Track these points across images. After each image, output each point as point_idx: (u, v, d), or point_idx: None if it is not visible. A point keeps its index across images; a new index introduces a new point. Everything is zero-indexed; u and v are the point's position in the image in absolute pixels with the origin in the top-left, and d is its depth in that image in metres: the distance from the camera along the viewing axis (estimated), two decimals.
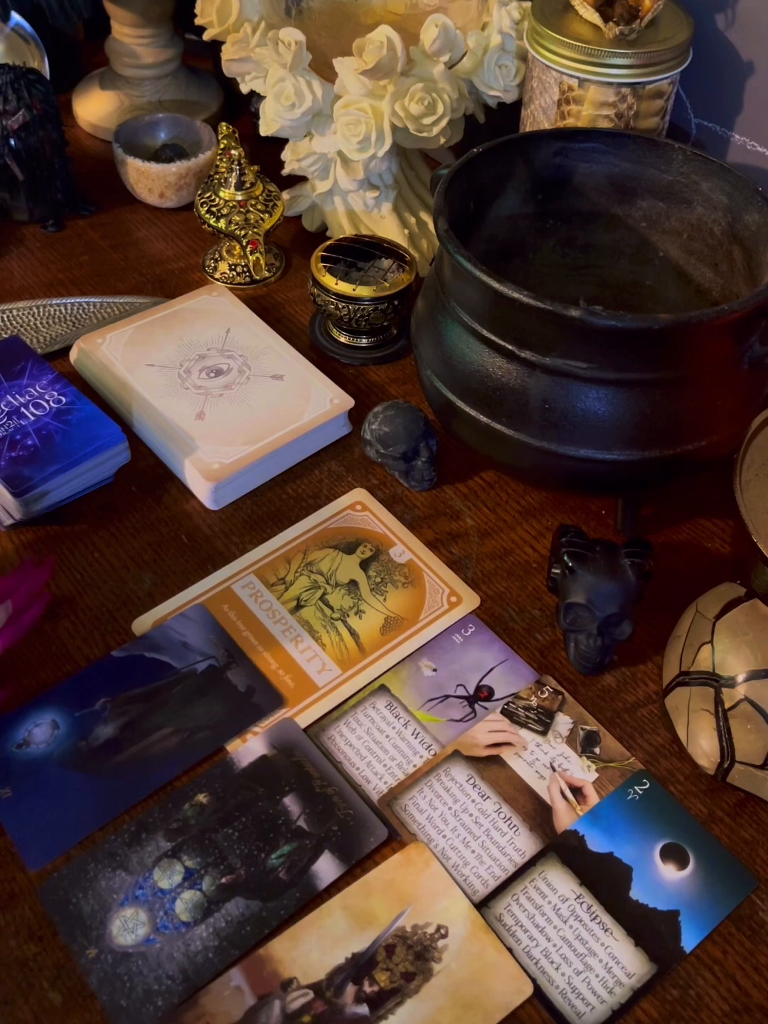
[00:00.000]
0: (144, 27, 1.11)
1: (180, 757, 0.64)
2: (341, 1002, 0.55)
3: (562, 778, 0.64)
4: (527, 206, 0.82)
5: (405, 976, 0.56)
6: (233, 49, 0.91)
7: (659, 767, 0.65)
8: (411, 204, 0.99)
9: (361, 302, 0.87)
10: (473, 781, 0.64)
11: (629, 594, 0.66)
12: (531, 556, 0.77)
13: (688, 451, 0.69)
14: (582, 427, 0.67)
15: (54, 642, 0.70)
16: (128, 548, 0.76)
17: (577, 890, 0.59)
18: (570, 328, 0.63)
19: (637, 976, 0.56)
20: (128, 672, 0.68)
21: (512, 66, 0.91)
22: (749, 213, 0.74)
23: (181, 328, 0.89)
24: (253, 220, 0.95)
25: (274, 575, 0.74)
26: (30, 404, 0.78)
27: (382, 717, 0.67)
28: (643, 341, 0.64)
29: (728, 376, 0.69)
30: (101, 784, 0.63)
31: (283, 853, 0.60)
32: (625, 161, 0.80)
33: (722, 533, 0.79)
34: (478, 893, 0.59)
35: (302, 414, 0.82)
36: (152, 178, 1.03)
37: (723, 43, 0.89)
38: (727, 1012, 0.56)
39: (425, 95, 0.86)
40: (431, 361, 0.74)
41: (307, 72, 0.88)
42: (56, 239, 1.03)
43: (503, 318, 0.66)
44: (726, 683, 0.63)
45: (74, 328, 0.91)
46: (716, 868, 0.61)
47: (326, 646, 0.70)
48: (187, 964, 0.56)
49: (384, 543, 0.77)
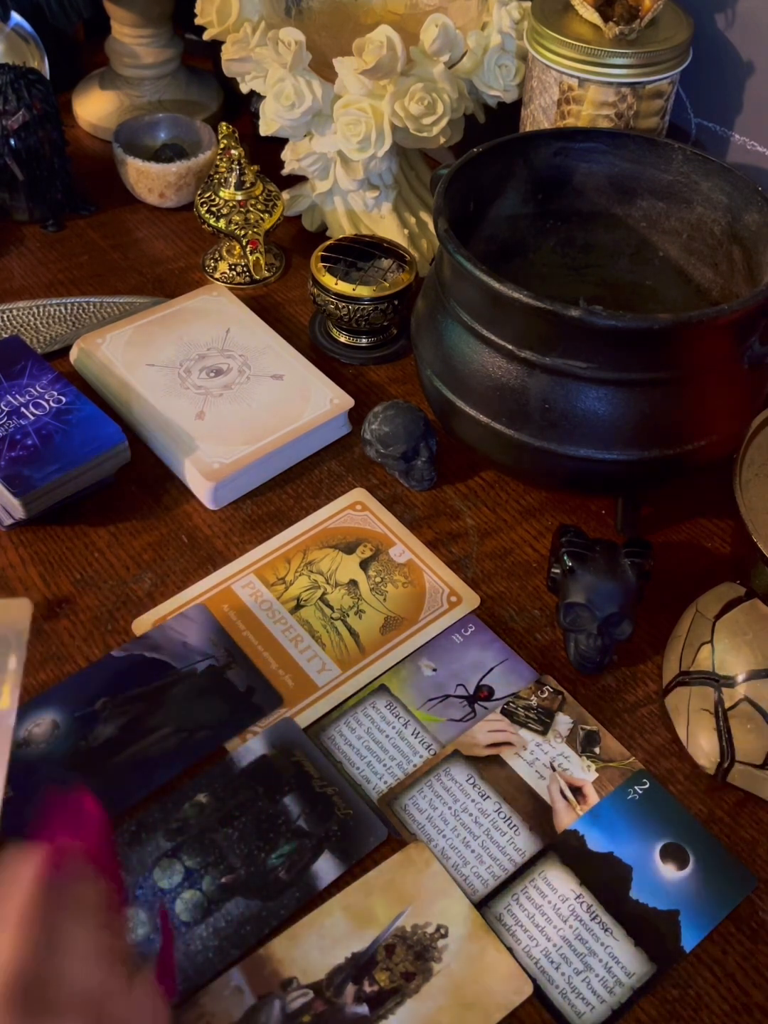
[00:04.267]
0: (144, 27, 1.11)
1: (180, 757, 0.64)
2: (341, 1002, 0.55)
3: (562, 778, 0.64)
4: (527, 206, 0.82)
5: (405, 976, 0.55)
6: (233, 49, 0.91)
7: (659, 767, 0.65)
8: (411, 204, 0.99)
9: (361, 302, 0.87)
10: (473, 781, 0.64)
11: (629, 594, 0.66)
12: (531, 556, 0.77)
13: (688, 451, 0.69)
14: (582, 427, 0.67)
15: (54, 642, 0.70)
16: (128, 548, 0.76)
17: (577, 890, 0.59)
18: (570, 328, 0.63)
19: (637, 976, 0.56)
20: (128, 672, 0.68)
21: (512, 66, 0.91)
22: (749, 213, 0.74)
23: (181, 328, 0.88)
24: (253, 220, 0.95)
25: (274, 575, 0.74)
26: (30, 404, 0.78)
27: (382, 717, 0.67)
28: (643, 341, 0.64)
29: (728, 376, 0.69)
30: (101, 784, 0.63)
31: (283, 853, 0.60)
32: (625, 161, 0.80)
33: (722, 533, 0.79)
34: (478, 893, 0.59)
35: (302, 414, 0.82)
36: (152, 178, 1.03)
37: (723, 43, 0.89)
38: (727, 1012, 0.56)
39: (425, 95, 0.86)
40: (431, 361, 0.74)
41: (307, 72, 0.88)
42: (56, 239, 1.03)
43: (503, 318, 0.66)
44: (726, 683, 0.63)
45: (74, 328, 0.91)
46: (716, 868, 0.61)
47: (326, 646, 0.70)
48: (187, 964, 0.56)
49: (384, 543, 0.77)
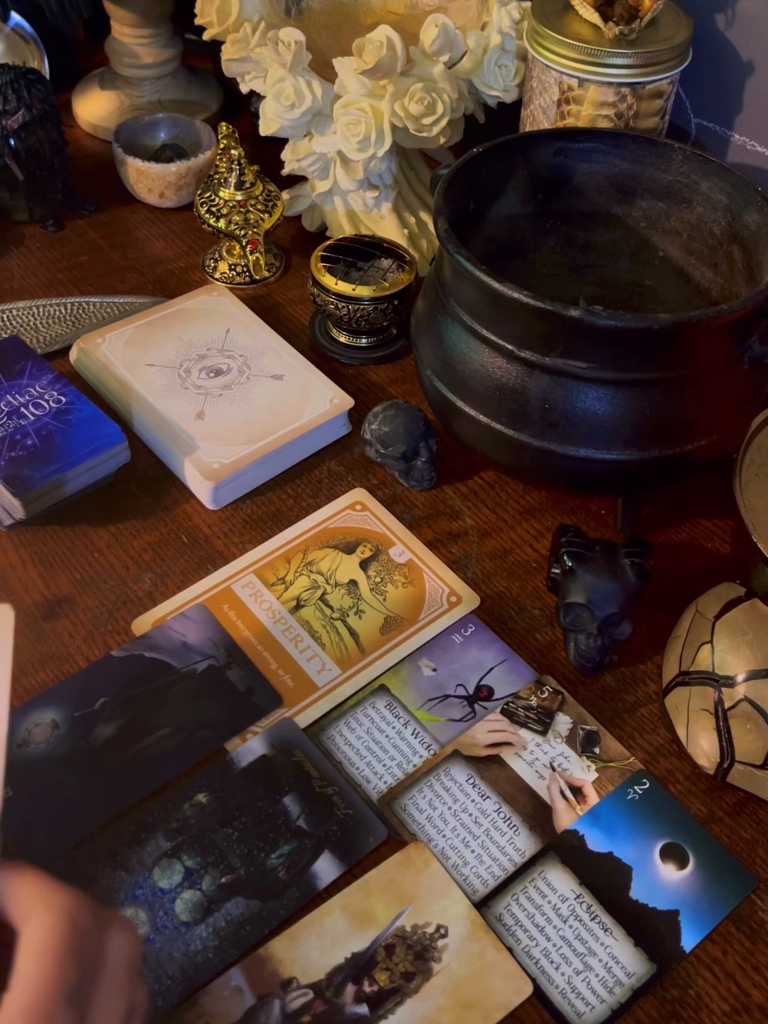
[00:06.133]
0: (144, 27, 1.11)
1: (180, 757, 0.64)
2: (341, 1002, 0.55)
3: (562, 778, 0.64)
4: (527, 206, 0.82)
5: (405, 976, 0.55)
6: (233, 49, 0.91)
7: (659, 767, 0.65)
8: (411, 204, 0.99)
9: (361, 302, 0.87)
10: (473, 781, 0.64)
11: (629, 594, 0.66)
12: (531, 556, 0.77)
13: (688, 451, 0.69)
14: (582, 427, 0.67)
15: (54, 642, 0.70)
16: (128, 548, 0.76)
17: (577, 890, 0.59)
18: (570, 328, 0.63)
19: (637, 976, 0.56)
20: (128, 672, 0.68)
21: (512, 66, 0.91)
22: (749, 213, 0.74)
23: (181, 328, 0.88)
24: (253, 220, 0.95)
25: (274, 575, 0.74)
26: (30, 404, 0.78)
27: (382, 717, 0.67)
28: (643, 341, 0.64)
29: (728, 376, 0.69)
30: (101, 784, 0.63)
31: (283, 853, 0.60)
32: (625, 161, 0.80)
33: (722, 533, 0.79)
34: (478, 893, 0.59)
35: (302, 414, 0.82)
36: (152, 178, 1.03)
37: (723, 43, 0.89)
38: (727, 1012, 0.56)
39: (425, 95, 0.86)
40: (431, 361, 0.74)
41: (307, 72, 0.88)
42: (56, 239, 1.03)
43: (503, 318, 0.66)
44: (726, 683, 0.63)
45: (74, 328, 0.91)
46: (716, 868, 0.61)
47: (326, 646, 0.70)
48: (187, 964, 0.56)
49: (384, 543, 0.77)
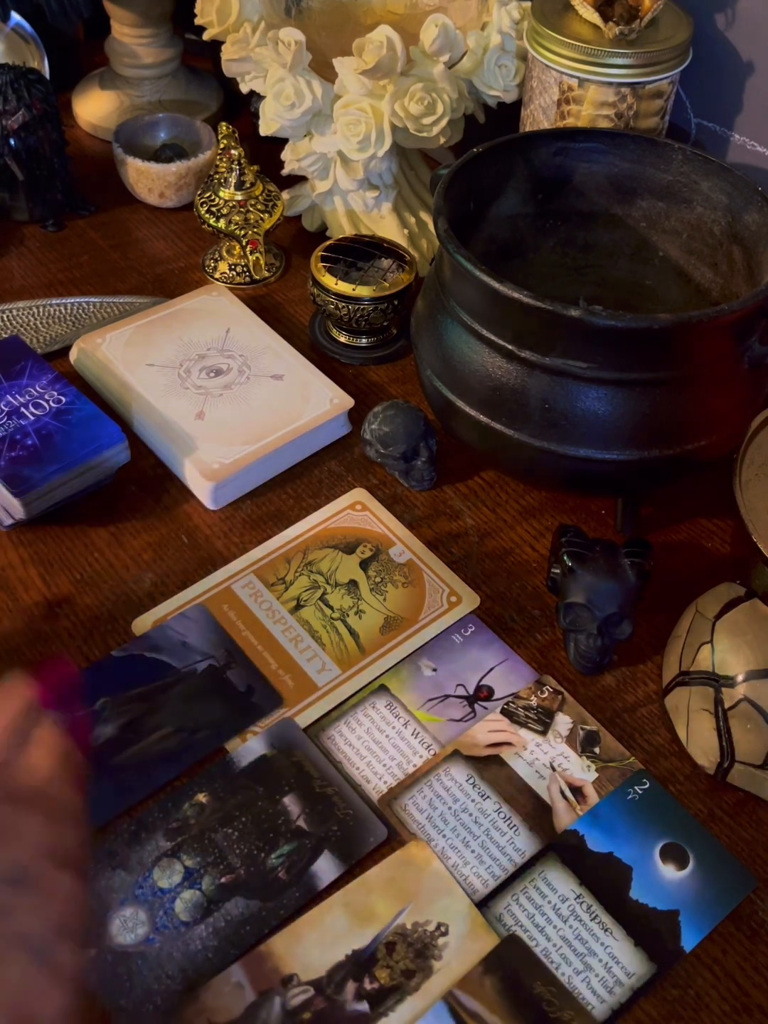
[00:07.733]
0: (144, 27, 1.11)
1: (180, 757, 0.64)
2: (341, 999, 0.55)
3: (562, 778, 0.64)
4: (527, 206, 0.82)
5: (405, 973, 0.55)
6: (233, 49, 0.91)
7: (659, 767, 0.65)
8: (411, 204, 0.99)
9: (361, 302, 0.87)
10: (473, 781, 0.64)
11: (629, 594, 0.66)
12: (531, 556, 0.77)
13: (688, 451, 0.69)
14: (582, 427, 0.67)
15: (54, 642, 0.70)
16: (128, 548, 0.76)
17: (577, 890, 0.59)
18: (570, 328, 0.63)
19: (637, 976, 0.56)
20: (128, 672, 0.68)
21: (512, 66, 0.91)
22: (749, 213, 0.74)
23: (181, 328, 0.88)
24: (253, 220, 0.95)
25: (274, 575, 0.74)
26: (30, 404, 0.78)
27: (382, 717, 0.67)
28: (643, 341, 0.64)
29: (728, 376, 0.69)
30: (101, 784, 0.63)
31: (283, 853, 0.60)
32: (625, 161, 0.80)
33: (722, 533, 0.79)
34: (478, 893, 0.59)
35: (302, 414, 0.82)
36: (152, 178, 1.03)
37: (723, 43, 0.89)
38: (727, 1012, 0.56)
39: (425, 95, 0.86)
40: (431, 361, 0.74)
41: (307, 72, 0.88)
42: (56, 239, 1.03)
43: (503, 318, 0.66)
44: (726, 683, 0.63)
45: (74, 328, 0.91)
46: (716, 868, 0.61)
47: (326, 646, 0.70)
48: (186, 964, 0.56)
49: (384, 543, 0.77)
